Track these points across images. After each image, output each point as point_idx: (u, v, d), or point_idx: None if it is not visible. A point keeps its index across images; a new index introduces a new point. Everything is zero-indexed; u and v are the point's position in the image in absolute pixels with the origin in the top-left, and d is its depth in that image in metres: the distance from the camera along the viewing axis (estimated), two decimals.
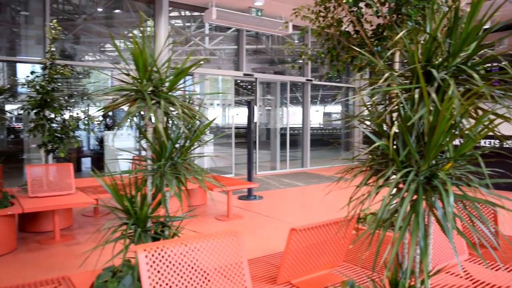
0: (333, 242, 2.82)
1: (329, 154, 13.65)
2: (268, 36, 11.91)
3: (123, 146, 10.31)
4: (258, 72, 11.58)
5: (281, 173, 11.35)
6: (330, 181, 9.88)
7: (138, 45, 2.41)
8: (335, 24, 4.10)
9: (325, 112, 15.06)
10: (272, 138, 11.84)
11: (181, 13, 10.53)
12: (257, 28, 10.09)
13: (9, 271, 4.18)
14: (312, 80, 12.11)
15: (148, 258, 2.00)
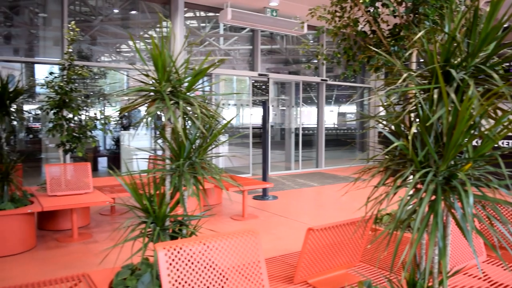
0: (350, 242, 2.82)
1: (344, 155, 13.60)
2: (282, 36, 11.91)
3: (139, 146, 10.42)
4: (273, 72, 11.59)
5: (295, 173, 11.34)
6: (345, 182, 9.85)
7: (157, 46, 2.44)
8: (352, 24, 4.09)
9: (339, 112, 15.00)
10: (286, 138, 11.83)
11: (196, 13, 10.59)
12: (272, 28, 10.10)
13: (29, 268, 4.26)
14: (327, 80, 12.08)
15: (168, 256, 2.03)
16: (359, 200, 7.65)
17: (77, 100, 5.68)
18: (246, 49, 11.55)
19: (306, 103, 13.09)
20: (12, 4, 8.81)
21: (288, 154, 11.70)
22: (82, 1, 9.43)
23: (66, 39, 5.82)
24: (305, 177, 10.62)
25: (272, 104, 12.04)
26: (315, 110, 12.59)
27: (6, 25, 8.87)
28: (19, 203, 4.78)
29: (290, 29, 10.26)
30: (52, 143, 9.05)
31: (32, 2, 9.13)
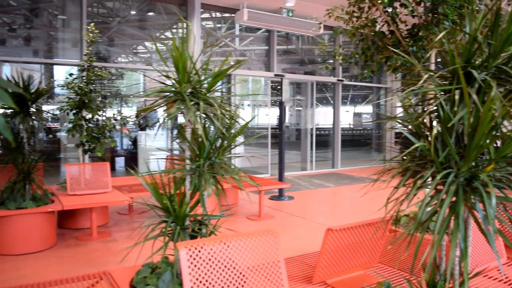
0: (368, 243, 2.82)
1: (360, 155, 13.52)
2: (298, 36, 11.90)
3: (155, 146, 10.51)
4: (288, 73, 11.59)
5: (311, 173, 11.32)
6: (362, 183, 9.80)
7: (177, 47, 2.47)
8: (370, 25, 4.08)
9: (355, 113, 14.92)
10: (302, 139, 11.81)
11: (212, 14, 10.65)
12: (287, 28, 10.11)
13: (50, 265, 4.34)
14: (343, 80, 12.04)
15: (189, 255, 2.06)
16: (376, 201, 7.61)
17: (96, 100, 5.77)
18: (261, 50, 11.58)
19: (321, 103, 13.07)
20: (32, 6, 8.97)
21: (304, 154, 11.68)
22: (99, 3, 9.55)
23: (86, 40, 5.91)
24: (321, 177, 10.59)
25: (288, 104, 12.06)
26: (330, 110, 12.55)
27: (26, 27, 9.03)
28: (40, 202, 4.87)
29: (305, 30, 10.25)
30: (70, 143, 9.20)
31: (52, 4, 9.28)
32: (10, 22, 9.03)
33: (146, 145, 10.03)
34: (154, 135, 10.32)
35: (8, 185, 4.82)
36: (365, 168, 12.52)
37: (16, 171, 4.88)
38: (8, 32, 9.00)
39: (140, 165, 9.75)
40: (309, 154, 11.59)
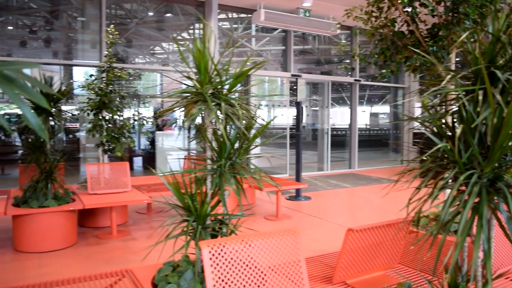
0: (389, 244, 2.81)
1: (377, 156, 13.43)
2: (314, 36, 11.88)
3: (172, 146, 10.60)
4: (305, 73, 11.57)
5: (328, 174, 11.29)
6: (379, 183, 9.74)
7: (199, 48, 2.50)
8: (389, 24, 4.06)
9: (371, 113, 14.83)
10: (319, 139, 11.78)
11: (228, 15, 10.69)
12: (304, 28, 10.10)
13: (71, 263, 4.42)
14: (360, 80, 11.97)
15: (211, 253, 2.09)
16: (393, 202, 7.56)
17: (115, 101, 5.85)
18: (277, 50, 11.59)
19: (337, 103, 13.02)
20: (52, 8, 9.13)
21: (321, 154, 11.64)
22: (118, 4, 9.67)
23: (105, 42, 6.00)
24: (337, 178, 10.56)
25: (304, 104, 12.04)
26: (346, 110, 12.50)
27: (46, 29, 9.19)
28: (62, 201, 4.96)
29: (322, 30, 10.23)
30: (89, 143, 9.33)
31: (71, 6, 9.43)
32: (30, 24, 9.21)
33: (164, 145, 10.12)
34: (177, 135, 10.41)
35: (31, 184, 4.92)
36: (382, 168, 12.43)
37: (39, 170, 4.98)
38: (29, 34, 9.17)
39: (158, 165, 9.85)
40: (325, 154, 11.55)
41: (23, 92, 1.03)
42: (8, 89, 1.01)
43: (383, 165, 12.86)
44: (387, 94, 14.19)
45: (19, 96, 1.01)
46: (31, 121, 1.04)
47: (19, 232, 4.73)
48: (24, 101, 1.02)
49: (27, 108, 1.03)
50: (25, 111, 1.02)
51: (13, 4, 8.98)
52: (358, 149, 12.19)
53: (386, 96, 14.32)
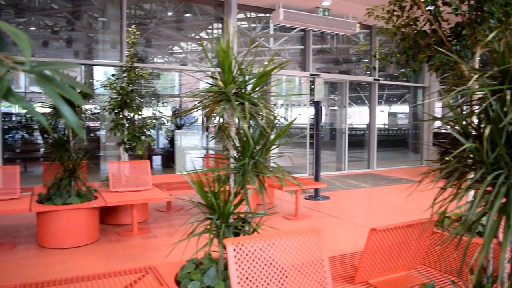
0: (412, 244, 2.80)
1: (395, 156, 13.31)
2: (333, 36, 11.83)
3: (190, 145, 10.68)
4: (323, 72, 11.53)
5: (346, 174, 11.24)
6: (398, 183, 9.66)
7: (223, 48, 2.52)
8: (411, 23, 4.03)
9: (390, 112, 14.69)
10: (337, 138, 11.72)
11: (247, 14, 10.72)
12: (323, 28, 10.06)
13: (94, 259, 4.50)
14: (380, 80, 11.87)
15: (236, 251, 2.11)
16: (413, 202, 7.50)
17: (136, 100, 5.93)
18: (295, 49, 11.57)
19: (354, 102, 12.94)
20: (73, 9, 9.28)
21: (340, 154, 11.58)
22: (137, 5, 9.78)
23: (127, 42, 6.08)
24: (356, 178, 10.50)
25: (322, 104, 11.99)
26: (364, 109, 12.41)
27: (67, 30, 9.35)
28: (84, 198, 5.05)
29: (342, 29, 10.17)
30: (109, 141, 9.46)
31: (92, 7, 9.57)
32: (52, 25, 9.37)
33: (182, 144, 10.20)
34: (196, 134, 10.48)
35: (55, 181, 5.02)
36: (401, 168, 12.32)
37: (62, 168, 5.07)
38: (51, 35, 9.34)
39: (177, 163, 9.93)
40: (344, 154, 11.49)
41: (62, 91, 1.06)
42: (48, 88, 1.05)
43: (402, 165, 12.74)
44: (406, 94, 14.04)
45: (58, 95, 1.05)
46: (70, 119, 1.07)
47: (43, 228, 4.83)
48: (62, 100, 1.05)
49: (66, 107, 1.06)
50: (64, 110, 1.05)
51: (35, 5, 9.16)
52: (376, 149, 12.10)
53: (405, 96, 14.17)
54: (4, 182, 5.11)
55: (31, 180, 8.32)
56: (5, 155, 8.15)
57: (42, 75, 1.05)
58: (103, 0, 9.36)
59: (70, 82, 1.11)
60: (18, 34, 1.02)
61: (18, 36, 1.01)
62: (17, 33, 1.02)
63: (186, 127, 10.84)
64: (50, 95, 1.02)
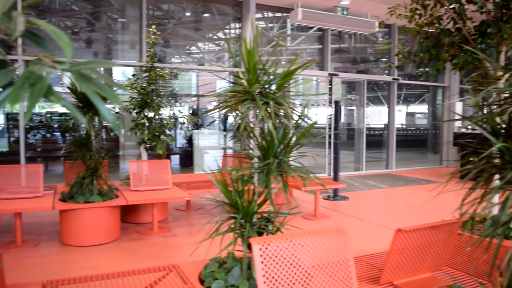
0: (437, 245, 2.76)
1: (413, 156, 13.15)
2: (350, 35, 11.75)
3: (208, 144, 10.73)
4: (341, 71, 11.46)
5: (364, 174, 11.15)
6: (417, 184, 9.55)
7: (248, 48, 2.53)
8: (435, 22, 3.98)
9: (408, 112, 14.52)
10: (356, 139, 11.64)
11: (264, 14, 10.71)
12: (342, 27, 10.00)
13: (116, 257, 4.54)
14: (399, 79, 11.74)
15: (262, 251, 2.11)
16: (433, 203, 7.40)
17: (157, 100, 5.97)
18: (312, 49, 11.53)
19: (372, 102, 12.83)
20: (93, 10, 9.39)
21: (358, 154, 11.49)
22: (155, 5, 9.85)
23: (147, 42, 6.13)
24: (374, 178, 10.41)
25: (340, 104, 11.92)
26: (381, 109, 12.30)
27: (87, 30, 9.46)
28: (106, 197, 5.11)
29: (360, 28, 10.10)
30: (128, 141, 9.55)
31: (112, 8, 9.67)
32: (72, 26, 9.50)
33: (201, 143, 10.25)
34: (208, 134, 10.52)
35: (77, 180, 5.09)
36: (420, 169, 12.17)
37: (84, 167, 5.14)
38: (71, 35, 9.46)
39: (196, 163, 9.98)
40: (362, 154, 11.39)
41: (99, 90, 1.07)
42: (86, 87, 1.06)
43: (421, 165, 12.59)
44: (425, 93, 13.86)
45: (96, 94, 1.06)
46: (107, 118, 1.09)
47: (66, 226, 4.90)
48: (100, 99, 1.07)
49: (104, 106, 1.07)
50: (102, 109, 1.07)
51: (56, 6, 9.29)
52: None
53: (423, 95, 14.00)
54: (28, 180, 5.20)
55: (52, 179, 8.44)
56: (27, 154, 8.29)
57: (80, 74, 1.07)
58: (123, 1, 9.45)
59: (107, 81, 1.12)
60: (58, 33, 1.03)
61: (59, 35, 1.03)
62: (57, 33, 1.03)
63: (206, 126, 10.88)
64: (89, 94, 1.03)
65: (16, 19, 1.02)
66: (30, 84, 0.99)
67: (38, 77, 1.01)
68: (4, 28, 1.02)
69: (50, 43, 1.12)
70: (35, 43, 1.14)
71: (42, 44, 1.14)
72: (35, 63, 1.05)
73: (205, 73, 12.19)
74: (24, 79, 0.99)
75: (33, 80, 1.00)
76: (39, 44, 1.14)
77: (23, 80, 0.99)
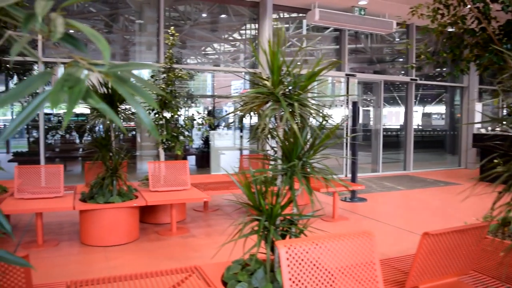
0: (464, 249, 2.71)
1: (431, 157, 12.99)
2: (367, 35, 11.65)
3: (224, 145, 10.75)
4: (357, 72, 11.37)
5: (381, 175, 11.04)
6: (436, 186, 9.42)
7: (272, 49, 2.51)
8: (458, 22, 3.91)
9: (424, 113, 14.36)
10: (372, 140, 11.53)
11: (280, 15, 10.68)
12: (360, 27, 9.93)
13: (135, 258, 4.56)
14: (417, 80, 11.60)
15: (288, 253, 2.09)
16: (453, 206, 7.30)
17: (175, 101, 5.99)
18: (327, 49, 11.48)
19: (387, 103, 12.72)
20: (110, 12, 9.47)
21: (375, 156, 11.37)
22: (171, 7, 9.89)
23: (166, 43, 6.15)
24: (391, 180, 10.31)
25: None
26: (397, 110, 12.17)
27: (105, 32, 9.54)
28: (126, 197, 5.13)
29: (378, 28, 10.01)
30: (144, 141, 9.61)
31: (129, 10, 9.75)
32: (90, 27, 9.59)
33: (217, 144, 10.27)
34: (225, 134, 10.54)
35: (97, 180, 5.12)
36: (438, 171, 12.01)
37: (104, 167, 5.17)
38: None
39: (212, 163, 10.00)
40: (380, 155, 11.28)
41: (135, 92, 1.07)
42: (122, 89, 1.05)
43: (439, 167, 12.42)
44: (442, 94, 13.69)
45: (133, 96, 1.05)
46: (144, 120, 1.08)
47: (86, 226, 4.94)
48: (137, 101, 1.06)
49: (141, 108, 1.06)
50: (139, 111, 1.06)
51: (74, 8, 9.40)
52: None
53: (440, 96, 13.82)
54: (49, 180, 5.25)
55: (70, 179, 8.53)
56: (46, 154, 8.40)
57: (117, 76, 1.06)
58: (140, 3, 9.51)
59: (142, 83, 1.12)
60: (97, 36, 1.03)
61: (98, 38, 1.02)
62: (96, 35, 1.03)
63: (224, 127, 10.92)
64: (125, 96, 1.02)
65: (55, 21, 1.02)
66: (69, 86, 0.98)
67: (77, 79, 1.00)
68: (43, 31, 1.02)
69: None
70: (72, 45, 1.14)
71: (79, 46, 1.14)
72: (72, 66, 1.04)
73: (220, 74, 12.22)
74: (63, 81, 0.99)
75: (71, 83, 0.99)
76: (76, 46, 1.13)
77: (62, 82, 0.99)
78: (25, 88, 0.99)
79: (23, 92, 0.99)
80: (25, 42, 1.11)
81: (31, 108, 1.00)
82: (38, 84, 1.01)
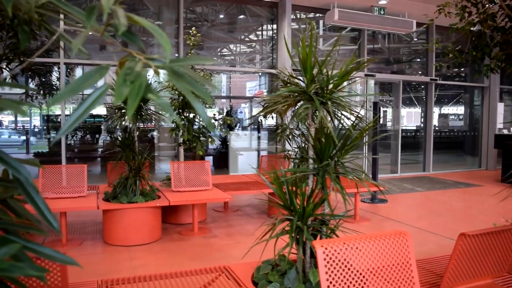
0: (499, 251, 2.66)
1: (450, 159, 12.82)
2: (384, 35, 11.55)
3: (242, 145, 10.75)
4: (375, 72, 11.28)
5: (401, 177, 10.93)
6: (456, 187, 9.29)
7: (305, 48, 2.49)
8: (488, 20, 3.85)
9: (440, 113, 14.18)
10: (392, 140, 11.41)
11: (297, 15, 10.64)
12: (379, 27, 9.84)
13: (159, 257, 4.57)
14: (437, 80, 11.45)
15: (325, 254, 2.06)
16: (475, 207, 7.19)
17: None
18: (344, 50, 11.43)
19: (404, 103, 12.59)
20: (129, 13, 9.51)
21: (394, 157, 11.25)
22: (189, 8, 9.93)
23: (188, 44, 6.17)
24: (411, 181, 10.19)
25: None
26: (415, 111, 12.03)
27: None
28: (148, 197, 5.15)
29: (399, 28, 9.91)
30: (162, 142, 9.65)
31: (148, 11, 9.81)
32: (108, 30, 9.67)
33: (234, 145, 10.27)
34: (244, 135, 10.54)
35: (121, 180, 5.15)
36: (457, 172, 11.84)
37: (128, 167, 5.19)
38: None
39: (231, 164, 10.01)
40: (399, 156, 11.15)
41: (192, 87, 1.05)
42: (180, 85, 1.04)
43: (459, 168, 12.25)
44: (460, 94, 13.50)
45: (191, 92, 1.04)
46: (202, 116, 1.06)
47: (109, 225, 4.97)
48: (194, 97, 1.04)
49: (199, 104, 1.04)
50: (197, 107, 1.04)
51: None
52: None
53: (458, 96, 13.64)
54: (73, 180, 5.29)
55: (92, 179, 8.60)
56: (67, 154, 8.48)
57: (174, 71, 1.05)
58: (159, 4, 9.57)
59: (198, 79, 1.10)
60: (158, 31, 1.02)
61: (159, 33, 1.02)
62: (157, 30, 1.02)
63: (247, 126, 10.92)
64: (183, 90, 1.01)
65: (117, 13, 1.02)
66: (131, 81, 0.98)
67: (137, 74, 0.99)
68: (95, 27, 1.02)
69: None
70: (129, 39, 1.14)
71: (136, 41, 1.13)
72: (130, 60, 1.04)
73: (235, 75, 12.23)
74: (124, 75, 0.98)
75: (132, 78, 0.98)
76: (133, 40, 1.13)
77: (123, 77, 0.98)
78: (83, 83, 0.99)
79: (81, 87, 0.98)
80: (84, 37, 1.10)
81: (89, 102, 1.00)
82: (96, 78, 1.01)
